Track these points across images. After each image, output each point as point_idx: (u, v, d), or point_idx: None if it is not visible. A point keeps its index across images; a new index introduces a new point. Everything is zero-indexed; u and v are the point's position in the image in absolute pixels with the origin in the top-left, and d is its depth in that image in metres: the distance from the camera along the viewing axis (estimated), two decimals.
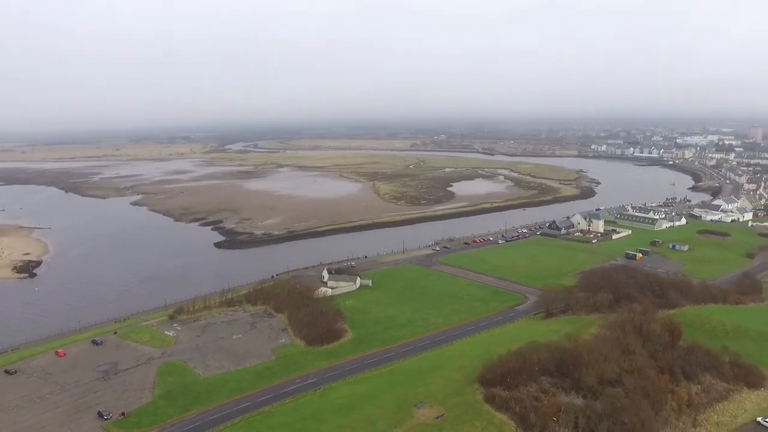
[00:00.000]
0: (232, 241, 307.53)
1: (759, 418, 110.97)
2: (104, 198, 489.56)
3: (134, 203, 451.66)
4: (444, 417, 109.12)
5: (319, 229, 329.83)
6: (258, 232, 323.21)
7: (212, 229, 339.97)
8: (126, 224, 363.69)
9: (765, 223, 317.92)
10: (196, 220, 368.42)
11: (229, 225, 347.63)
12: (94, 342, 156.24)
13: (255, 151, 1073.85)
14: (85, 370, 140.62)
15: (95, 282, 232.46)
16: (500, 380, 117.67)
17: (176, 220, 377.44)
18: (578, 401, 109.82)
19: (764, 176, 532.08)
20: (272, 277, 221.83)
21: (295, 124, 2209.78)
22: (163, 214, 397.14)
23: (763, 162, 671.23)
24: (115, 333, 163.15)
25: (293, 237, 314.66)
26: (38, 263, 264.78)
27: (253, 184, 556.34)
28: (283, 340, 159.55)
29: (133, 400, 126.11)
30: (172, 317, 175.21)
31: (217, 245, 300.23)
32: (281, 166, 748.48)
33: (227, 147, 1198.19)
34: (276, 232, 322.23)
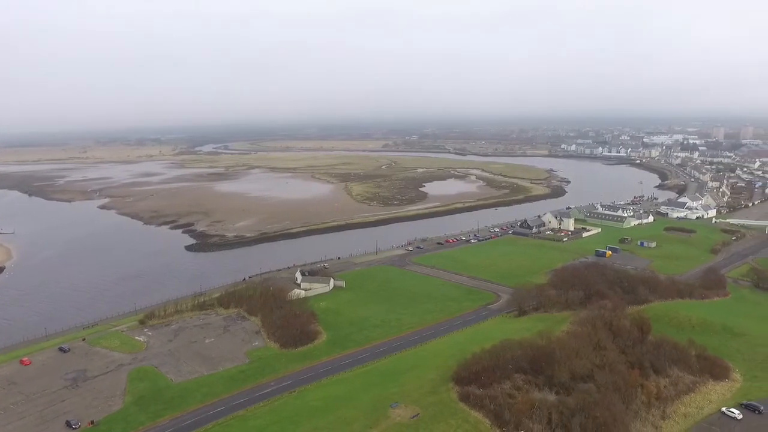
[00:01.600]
0: (203, 243, 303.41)
1: (723, 408, 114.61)
2: (70, 201, 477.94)
3: (102, 206, 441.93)
4: (419, 416, 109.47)
5: (291, 231, 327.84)
6: (230, 235, 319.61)
7: (183, 232, 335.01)
8: (93, 228, 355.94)
9: (728, 220, 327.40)
10: (166, 223, 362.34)
11: (200, 227, 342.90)
12: (61, 349, 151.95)
13: (226, 153, 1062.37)
14: (52, 378, 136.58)
15: (61, 288, 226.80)
16: (474, 378, 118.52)
17: (146, 223, 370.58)
18: (551, 397, 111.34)
19: (727, 174, 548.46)
20: (245, 279, 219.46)
21: (266, 125, 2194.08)
22: (132, 218, 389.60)
23: (726, 161, 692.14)
24: (83, 339, 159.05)
25: (266, 239, 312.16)
26: (1, 269, 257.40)
27: (225, 186, 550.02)
28: (256, 343, 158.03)
29: (103, 407, 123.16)
30: (142, 322, 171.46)
31: (189, 248, 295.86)
32: (253, 167, 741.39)
33: (197, 149, 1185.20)
34: (248, 234, 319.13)
